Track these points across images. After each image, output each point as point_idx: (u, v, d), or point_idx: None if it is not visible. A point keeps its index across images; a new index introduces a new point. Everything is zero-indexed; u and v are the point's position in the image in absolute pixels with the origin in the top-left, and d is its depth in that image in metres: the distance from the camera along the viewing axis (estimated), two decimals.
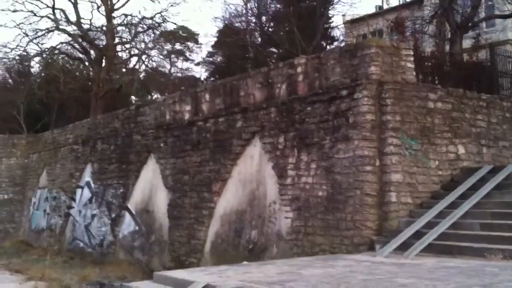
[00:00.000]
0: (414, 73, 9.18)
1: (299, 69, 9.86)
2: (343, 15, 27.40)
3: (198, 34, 29.62)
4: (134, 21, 25.42)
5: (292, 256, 8.56)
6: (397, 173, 8.29)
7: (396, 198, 8.22)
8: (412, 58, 9.15)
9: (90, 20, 25.41)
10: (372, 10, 28.89)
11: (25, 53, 25.62)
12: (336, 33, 27.16)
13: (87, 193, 16.22)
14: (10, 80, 30.55)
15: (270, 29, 26.86)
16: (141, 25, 25.65)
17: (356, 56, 8.76)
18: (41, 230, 18.84)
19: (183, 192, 12.15)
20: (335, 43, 25.47)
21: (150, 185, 13.57)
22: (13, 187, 21.26)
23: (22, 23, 24.00)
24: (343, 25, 27.46)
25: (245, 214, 10.44)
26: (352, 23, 26.58)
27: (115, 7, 25.16)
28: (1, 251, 18.13)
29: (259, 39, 26.46)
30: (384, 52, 8.72)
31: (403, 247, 7.30)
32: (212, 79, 27.14)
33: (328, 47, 24.51)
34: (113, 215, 14.66)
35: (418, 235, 7.51)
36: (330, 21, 26.60)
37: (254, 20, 26.56)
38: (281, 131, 9.80)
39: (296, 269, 6.30)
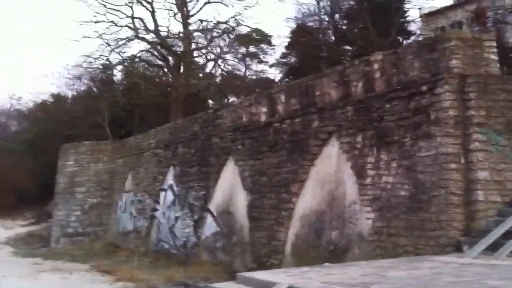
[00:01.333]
0: (498, 65, 8.72)
1: (375, 66, 9.66)
2: (419, 8, 26.55)
3: (271, 36, 29.75)
4: (209, 26, 26.04)
5: (375, 258, 8.39)
6: (483, 170, 7.90)
7: (484, 196, 7.83)
8: (495, 50, 8.69)
9: (168, 27, 26.38)
10: (449, 1, 27.83)
11: (107, 62, 26.91)
12: (413, 27, 26.36)
13: (170, 196, 16.75)
14: (94, 89, 32.05)
15: (343, 27, 26.51)
16: (216, 30, 26.24)
17: (436, 50, 8.45)
18: (128, 232, 19.66)
19: (262, 193, 12.26)
20: (412, 38, 24.70)
21: (230, 186, 13.79)
22: (101, 191, 22.32)
23: (104, 33, 25.26)
24: (419, 19, 26.61)
25: (325, 215, 10.36)
26: (429, 16, 25.72)
27: (191, 13, 25.89)
28: (91, 253, 19.09)
29: (333, 38, 26.22)
30: (465, 45, 8.36)
31: (493, 248, 6.95)
32: (286, 80, 27.17)
33: (404, 42, 23.84)
34: (196, 217, 15.05)
35: (508, 235, 7.12)
36: (406, 15, 25.84)
37: (327, 19, 26.36)
38: (359, 130, 9.65)
39: (380, 271, 6.17)
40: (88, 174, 22.42)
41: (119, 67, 28.16)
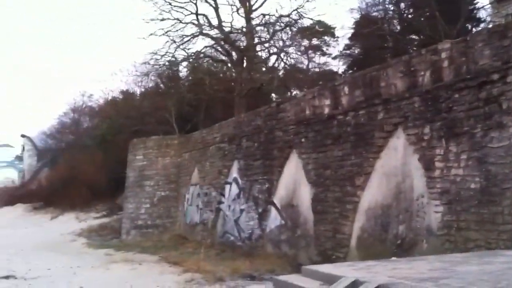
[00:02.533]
0: None
1: (443, 55, 9.34)
2: None
3: (334, 28, 29.34)
4: (271, 20, 26.05)
5: (444, 252, 8.16)
6: None
7: None
8: None
9: (231, 22, 26.51)
10: None
11: (173, 59, 27.49)
12: (482, 14, 25.22)
13: (235, 189, 16.99)
14: (161, 85, 32.83)
15: (409, 16, 25.77)
16: (278, 24, 26.19)
17: (507, 37, 8.08)
18: (195, 224, 20.12)
19: (326, 187, 12.19)
20: (482, 25, 23.66)
21: (293, 180, 13.81)
22: (168, 185, 22.94)
23: (170, 30, 25.80)
24: (489, 5, 25.43)
25: (391, 208, 10.18)
26: (500, 2, 24.49)
27: (253, 8, 25.99)
28: (160, 245, 19.68)
29: (398, 27, 25.55)
30: None
31: None
32: (350, 71, 26.78)
33: (473, 29, 22.88)
34: (260, 210, 15.18)
35: None
36: (475, 1, 24.76)
37: (392, 8, 25.69)
38: (427, 121, 9.39)
39: (449, 266, 5.99)
40: (156, 168, 23.09)
41: (185, 63, 28.76)
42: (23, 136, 74.47)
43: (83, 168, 37.13)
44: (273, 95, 29.52)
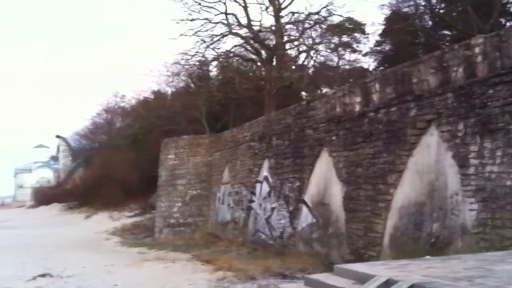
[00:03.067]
0: None
1: (477, 50, 9.16)
2: None
3: (365, 24, 29.05)
4: (300, 18, 25.94)
5: (479, 251, 8.00)
6: None
7: None
8: None
9: (260, 21, 26.50)
10: None
11: (203, 59, 27.64)
12: None
13: (265, 187, 17.00)
14: (192, 85, 33.07)
15: (441, 11, 25.32)
16: (307, 21, 26.07)
17: None
18: (226, 223, 20.23)
19: (358, 185, 12.10)
20: None
21: (325, 178, 13.74)
22: (200, 183, 23.13)
23: (199, 30, 25.92)
24: None
25: (424, 206, 10.03)
26: None
27: (282, 6, 25.94)
28: (192, 243, 19.85)
29: (430, 23, 25.13)
30: None
31: None
32: (381, 68, 26.48)
33: (507, 24, 22.34)
34: (291, 208, 15.16)
35: None
36: None
37: (423, 3, 25.27)
38: (460, 118, 9.22)
39: (485, 264, 5.88)
40: (188, 167, 23.30)
41: (214, 63, 28.90)
42: (58, 137, 76.07)
43: (116, 167, 37.73)
44: (302, 93, 29.41)
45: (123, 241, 23.61)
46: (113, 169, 38.20)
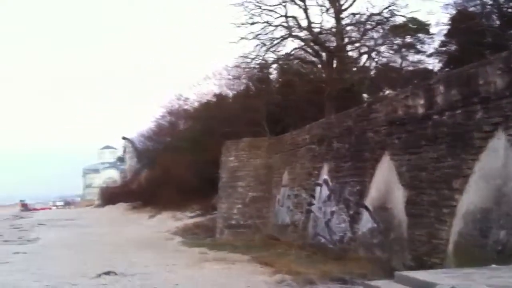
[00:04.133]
0: None
1: None
2: None
3: (429, 24, 28.22)
4: (362, 19, 25.58)
5: None
6: None
7: None
8: None
9: (320, 23, 26.37)
10: None
11: (263, 62, 27.80)
12: None
13: (325, 191, 16.87)
14: (252, 88, 33.34)
15: (509, 10, 24.25)
16: (369, 23, 25.67)
17: None
18: (286, 225, 20.21)
19: (421, 189, 11.76)
20: None
21: (386, 182, 13.46)
22: (260, 186, 23.26)
23: (260, 34, 26.11)
24: None
25: (491, 212, 9.62)
26: None
27: (343, 7, 25.68)
28: (252, 244, 19.94)
29: (497, 22, 24.13)
30: None
31: None
32: (446, 69, 25.66)
33: None
34: (351, 212, 14.96)
35: None
36: None
37: (490, 2, 24.30)
38: None
39: None
40: (248, 169, 23.50)
41: (274, 66, 29.00)
42: (124, 138, 78.75)
43: (178, 169, 38.63)
44: (364, 95, 28.97)
45: (184, 241, 24.08)
46: (175, 170, 39.14)
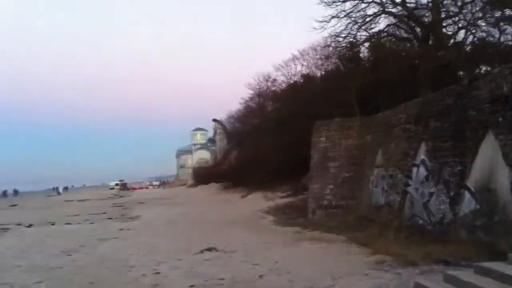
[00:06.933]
0: None
1: None
2: None
3: None
4: None
5: None
6: None
7: None
8: None
9: None
10: None
11: (354, 40, 27.32)
12: None
13: (423, 171, 16.45)
14: (341, 67, 32.93)
15: None
16: None
17: None
18: (380, 207, 19.97)
19: None
20: None
21: (489, 162, 12.91)
22: (352, 166, 23.08)
23: (351, 11, 25.65)
24: None
25: None
26: None
27: None
28: (344, 225, 19.91)
29: None
30: None
31: None
32: None
33: None
34: (452, 194, 14.51)
35: None
36: None
37: None
38: None
39: None
40: (339, 149, 23.40)
41: (366, 44, 28.40)
42: (214, 120, 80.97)
43: (267, 149, 39.18)
44: (461, 72, 27.71)
45: (277, 220, 24.54)
46: (264, 151, 39.74)
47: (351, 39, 26.81)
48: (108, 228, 25.00)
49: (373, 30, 26.74)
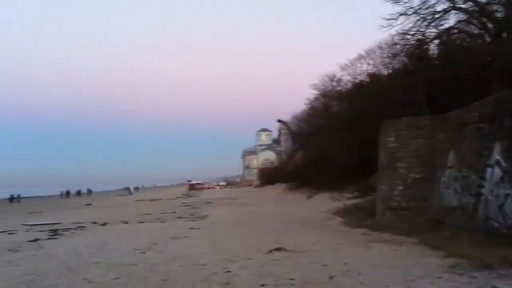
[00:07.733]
0: None
1: None
2: None
3: None
4: None
5: None
6: None
7: None
8: None
9: None
10: None
11: (423, 37, 26.68)
12: None
13: (498, 172, 15.88)
14: (409, 66, 32.22)
15: None
16: None
17: None
18: (452, 209, 19.40)
19: None
20: None
21: None
22: (421, 167, 22.50)
23: (420, 8, 25.09)
24: None
25: None
26: None
27: None
28: (414, 227, 19.41)
29: None
30: None
31: None
32: None
33: None
34: None
35: None
36: None
37: None
38: None
39: None
40: (409, 149, 22.91)
41: (436, 41, 27.68)
42: (279, 121, 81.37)
43: (333, 150, 38.99)
44: None
45: (345, 221, 24.39)
46: (330, 152, 39.58)
47: (419, 37, 26.21)
48: (179, 227, 25.73)
49: (443, 27, 26.01)
